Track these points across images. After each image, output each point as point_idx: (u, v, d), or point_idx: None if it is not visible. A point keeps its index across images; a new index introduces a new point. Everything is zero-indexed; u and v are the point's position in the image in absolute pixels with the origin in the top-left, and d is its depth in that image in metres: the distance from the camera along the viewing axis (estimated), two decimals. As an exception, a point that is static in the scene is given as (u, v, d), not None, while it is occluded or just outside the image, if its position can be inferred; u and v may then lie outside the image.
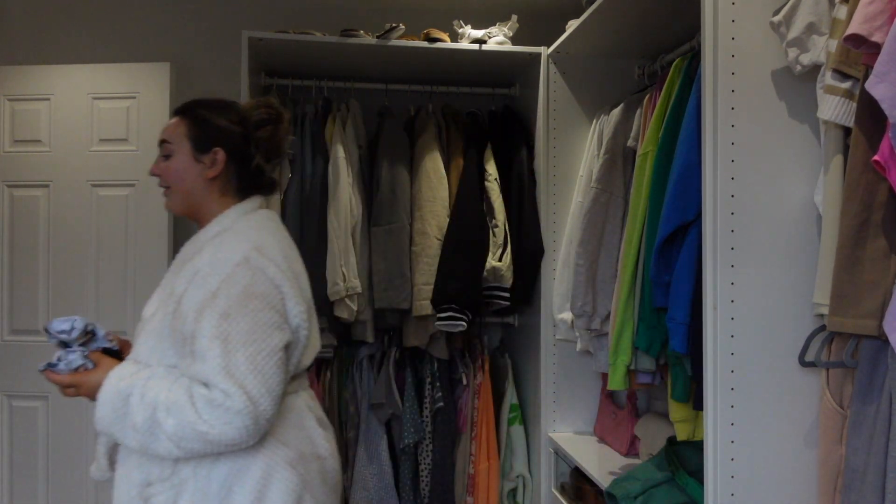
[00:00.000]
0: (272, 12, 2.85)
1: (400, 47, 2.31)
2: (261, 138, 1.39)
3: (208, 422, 1.15)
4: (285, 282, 1.27)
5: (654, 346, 1.68)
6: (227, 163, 1.36)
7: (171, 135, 1.39)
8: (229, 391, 1.15)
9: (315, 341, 1.39)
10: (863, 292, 1.12)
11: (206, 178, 1.37)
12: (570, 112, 2.34)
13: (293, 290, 1.28)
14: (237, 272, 1.22)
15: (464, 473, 2.41)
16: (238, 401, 1.15)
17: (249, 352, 1.18)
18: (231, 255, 1.26)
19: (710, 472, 1.35)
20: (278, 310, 1.24)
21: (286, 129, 1.45)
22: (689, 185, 1.49)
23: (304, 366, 1.36)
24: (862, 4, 1.10)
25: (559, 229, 2.33)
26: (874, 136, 1.11)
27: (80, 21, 2.78)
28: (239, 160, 1.38)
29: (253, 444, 1.21)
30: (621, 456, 2.10)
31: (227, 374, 1.16)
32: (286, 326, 1.26)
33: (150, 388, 1.19)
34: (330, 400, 2.42)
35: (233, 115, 1.38)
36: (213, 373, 1.16)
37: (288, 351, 1.26)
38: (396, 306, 2.30)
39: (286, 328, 1.26)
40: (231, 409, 1.15)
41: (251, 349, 1.18)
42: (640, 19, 1.97)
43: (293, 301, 1.28)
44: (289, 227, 2.32)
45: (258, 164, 1.40)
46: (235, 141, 1.37)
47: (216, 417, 1.15)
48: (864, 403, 1.13)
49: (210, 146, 1.36)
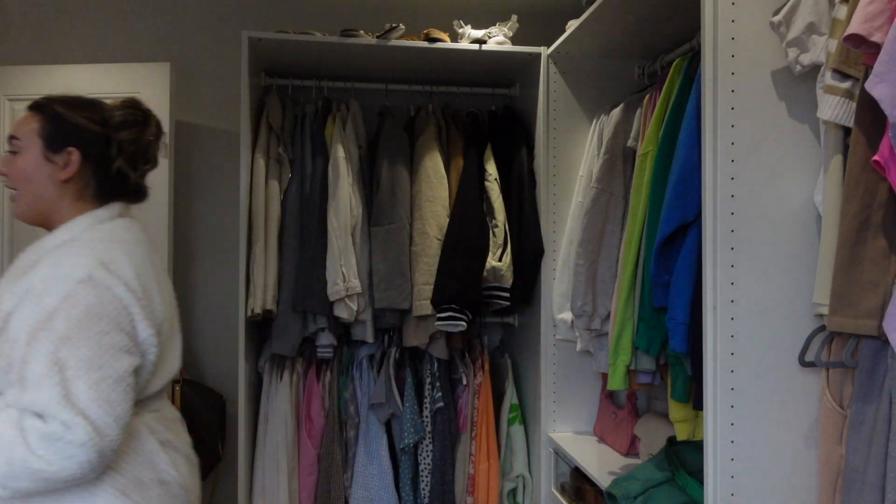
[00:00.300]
0: (272, 12, 2.85)
1: (400, 47, 2.31)
2: (123, 140, 1.29)
3: (44, 458, 1.04)
4: (135, 302, 1.17)
5: (654, 346, 1.68)
6: (83, 165, 1.26)
7: (20, 131, 1.28)
8: (70, 422, 1.04)
9: (171, 364, 1.31)
10: (863, 292, 1.12)
11: (59, 181, 1.25)
12: (570, 112, 2.34)
13: (143, 310, 1.19)
14: (79, 290, 1.11)
15: (464, 473, 2.41)
16: (81, 432, 1.05)
17: (93, 378, 1.08)
18: (72, 272, 1.13)
19: (710, 472, 1.35)
20: (127, 332, 1.15)
21: (154, 132, 1.35)
22: (689, 185, 1.49)
23: (152, 391, 1.27)
24: (862, 4, 1.10)
25: (559, 229, 2.33)
26: (874, 136, 1.11)
27: (80, 21, 2.78)
28: (97, 162, 1.28)
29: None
30: (621, 456, 2.10)
31: (67, 403, 1.05)
32: (135, 350, 1.17)
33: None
34: (330, 400, 2.42)
35: (93, 114, 1.28)
36: (50, 403, 1.05)
37: (135, 375, 1.17)
38: (396, 306, 2.30)
39: (135, 352, 1.17)
40: (73, 443, 1.04)
41: (95, 375, 1.08)
42: (640, 19, 1.97)
43: (143, 323, 1.19)
44: (289, 227, 2.35)
45: (120, 168, 1.29)
46: (94, 141, 1.27)
47: (53, 452, 1.04)
48: (864, 403, 1.13)
49: (64, 145, 1.25)
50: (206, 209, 2.86)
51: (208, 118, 2.85)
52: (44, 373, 1.07)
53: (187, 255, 2.83)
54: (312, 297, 2.27)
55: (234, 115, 2.57)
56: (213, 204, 2.86)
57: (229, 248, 2.81)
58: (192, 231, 2.85)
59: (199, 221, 2.86)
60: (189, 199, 2.84)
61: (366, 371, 2.44)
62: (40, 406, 1.06)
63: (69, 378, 1.07)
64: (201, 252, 2.86)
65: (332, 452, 2.37)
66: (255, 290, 2.25)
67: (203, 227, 2.86)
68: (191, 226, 2.85)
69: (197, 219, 2.86)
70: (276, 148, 2.37)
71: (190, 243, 2.85)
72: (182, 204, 2.81)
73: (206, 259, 2.85)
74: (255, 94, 2.38)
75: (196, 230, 2.86)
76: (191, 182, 2.84)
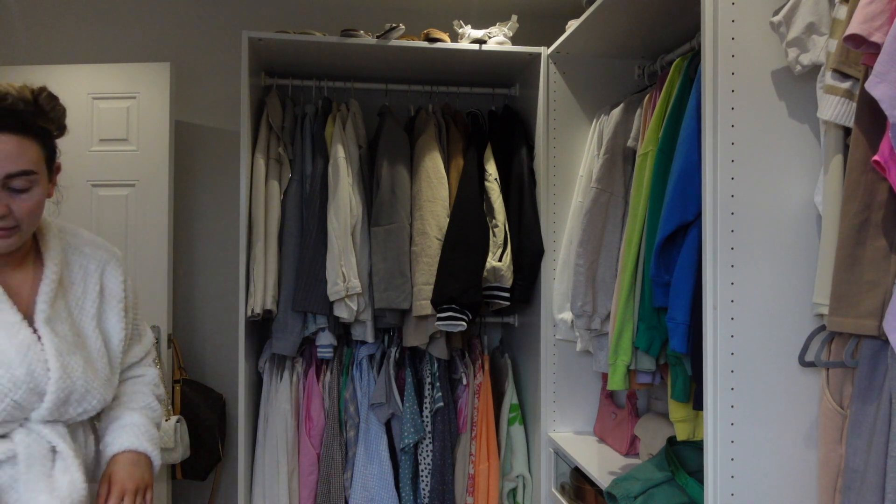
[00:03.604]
0: (272, 12, 2.85)
1: (400, 47, 2.31)
2: (63, 127, 1.23)
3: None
4: None
5: (654, 346, 1.68)
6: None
7: (32, 163, 1.11)
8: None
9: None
10: (863, 292, 1.12)
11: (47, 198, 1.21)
12: (570, 112, 2.34)
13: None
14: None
15: (464, 473, 2.41)
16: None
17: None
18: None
19: (710, 472, 1.35)
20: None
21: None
22: (689, 185, 1.49)
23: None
24: (862, 4, 1.10)
25: (559, 229, 2.33)
26: (874, 136, 1.11)
27: (80, 21, 2.78)
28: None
29: None
30: (621, 456, 2.10)
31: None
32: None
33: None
34: (330, 400, 2.42)
35: (49, 117, 1.18)
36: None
37: None
38: (396, 306, 2.30)
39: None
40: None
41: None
42: (640, 19, 1.98)
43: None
44: (289, 227, 2.35)
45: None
46: (53, 143, 1.22)
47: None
48: (864, 403, 1.13)
49: (54, 161, 1.22)
50: (206, 209, 2.86)
51: (208, 118, 2.85)
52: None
53: (187, 254, 2.83)
54: (312, 296, 2.27)
55: (234, 115, 2.58)
56: (213, 204, 2.86)
57: (229, 248, 2.81)
58: (193, 231, 2.86)
59: (199, 221, 2.86)
60: (189, 199, 2.84)
61: (366, 371, 2.44)
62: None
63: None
64: (201, 252, 2.86)
65: (332, 452, 2.37)
66: (255, 290, 2.25)
67: (203, 227, 2.86)
68: (191, 226, 2.85)
69: (197, 219, 2.86)
70: (276, 148, 2.37)
71: (190, 243, 2.85)
72: (182, 204, 2.81)
73: (206, 259, 2.85)
74: (255, 94, 2.38)
75: (196, 230, 2.86)
76: (191, 182, 2.84)
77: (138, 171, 2.59)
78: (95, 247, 1.31)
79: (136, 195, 2.60)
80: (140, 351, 1.40)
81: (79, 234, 1.32)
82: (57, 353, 1.14)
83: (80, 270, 1.27)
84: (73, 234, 1.31)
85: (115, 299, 1.29)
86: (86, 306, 1.25)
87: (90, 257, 1.29)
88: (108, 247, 1.34)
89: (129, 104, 2.61)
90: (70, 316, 1.21)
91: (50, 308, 1.17)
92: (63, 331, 1.17)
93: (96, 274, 1.28)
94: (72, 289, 1.24)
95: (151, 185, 2.61)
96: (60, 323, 1.18)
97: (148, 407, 1.35)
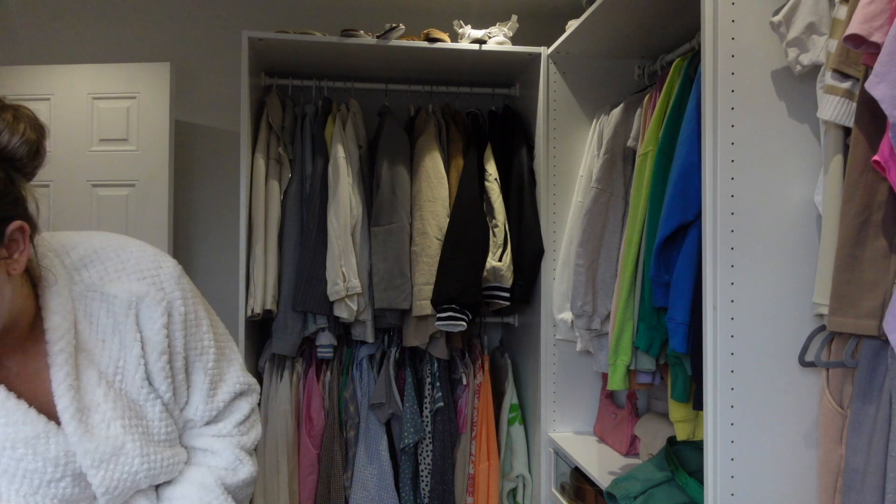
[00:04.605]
0: (272, 12, 2.85)
1: (400, 47, 2.31)
2: (30, 173, 0.81)
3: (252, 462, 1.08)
4: None
5: (654, 346, 1.68)
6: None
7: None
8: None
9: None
10: (863, 292, 1.12)
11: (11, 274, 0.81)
12: (570, 112, 2.34)
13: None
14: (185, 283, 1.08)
15: (464, 473, 2.41)
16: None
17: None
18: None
19: (710, 472, 1.35)
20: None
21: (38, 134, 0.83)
22: (689, 185, 1.49)
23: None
24: (862, 4, 1.10)
25: (559, 229, 2.33)
26: (874, 136, 1.11)
27: (80, 21, 2.78)
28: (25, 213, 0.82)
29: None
30: (621, 456, 2.10)
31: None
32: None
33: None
34: (330, 400, 2.42)
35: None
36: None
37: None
38: (396, 306, 2.30)
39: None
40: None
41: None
42: (640, 19, 1.97)
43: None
44: (289, 227, 2.35)
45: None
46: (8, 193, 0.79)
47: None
48: (864, 403, 1.13)
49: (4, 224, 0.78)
50: (207, 209, 2.86)
51: (208, 118, 2.85)
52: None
53: (187, 254, 2.83)
54: (312, 296, 2.27)
55: (234, 115, 2.58)
56: (213, 204, 2.86)
57: (229, 247, 2.81)
58: (192, 231, 2.85)
59: (199, 221, 2.86)
60: (189, 199, 2.84)
61: (366, 371, 2.44)
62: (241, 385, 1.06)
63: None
64: (201, 252, 2.86)
65: (332, 452, 2.37)
66: (255, 290, 2.25)
67: (203, 227, 2.86)
68: (191, 226, 2.85)
69: (197, 219, 2.86)
70: (276, 148, 2.37)
71: (190, 243, 2.85)
72: (182, 204, 2.81)
73: (206, 259, 2.85)
74: (255, 94, 2.38)
75: (196, 230, 2.86)
76: (191, 182, 2.84)
77: (138, 171, 2.59)
78: (122, 280, 0.92)
79: (136, 195, 2.60)
80: (206, 405, 1.00)
81: (96, 263, 0.93)
82: (93, 464, 0.85)
83: (109, 318, 0.91)
84: (87, 266, 0.92)
85: (156, 351, 0.92)
86: (128, 367, 0.91)
87: (115, 298, 0.91)
88: (143, 269, 0.94)
89: (129, 104, 2.61)
90: (110, 386, 0.89)
91: (73, 394, 0.85)
92: (100, 421, 0.87)
93: (130, 320, 0.91)
94: (102, 348, 0.90)
95: (151, 185, 2.61)
96: (95, 409, 0.87)
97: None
